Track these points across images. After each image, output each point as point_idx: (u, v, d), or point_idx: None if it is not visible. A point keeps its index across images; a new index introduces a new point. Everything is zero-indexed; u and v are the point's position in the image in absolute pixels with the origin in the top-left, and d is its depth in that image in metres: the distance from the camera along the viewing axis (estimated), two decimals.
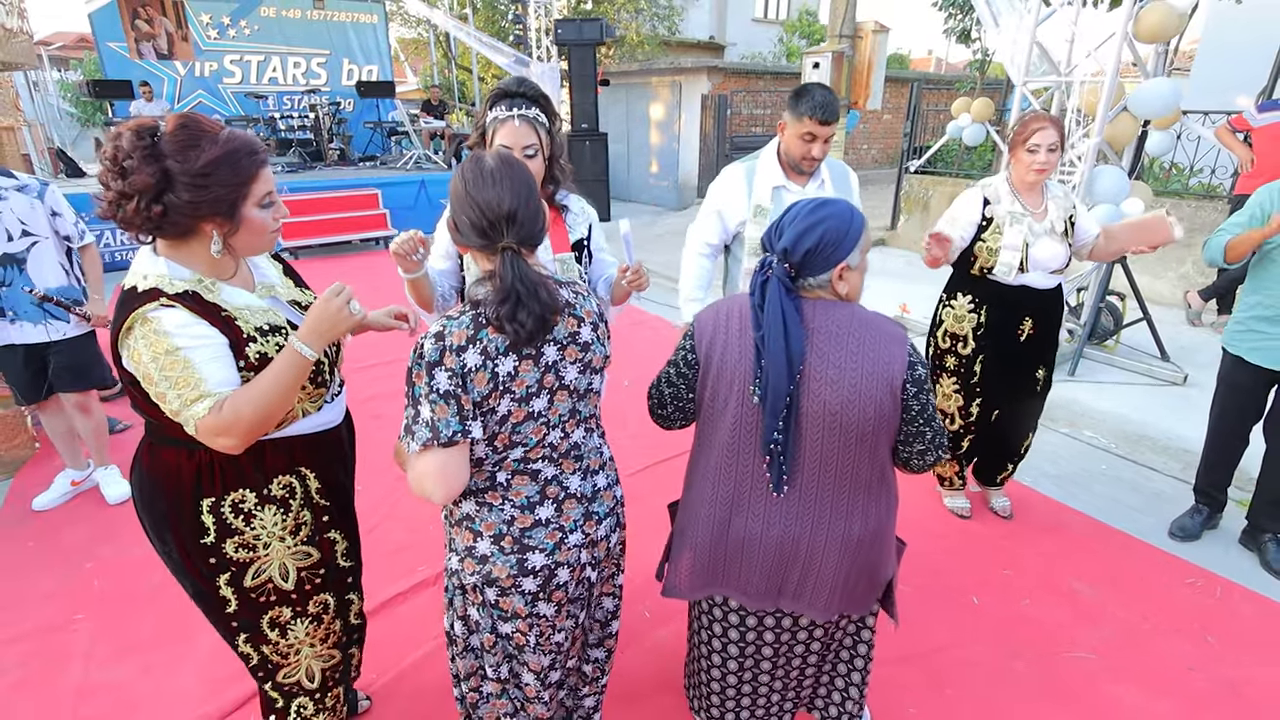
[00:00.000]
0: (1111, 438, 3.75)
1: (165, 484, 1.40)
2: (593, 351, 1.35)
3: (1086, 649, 2.31)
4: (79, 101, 17.46)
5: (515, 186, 1.24)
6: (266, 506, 1.45)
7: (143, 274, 1.28)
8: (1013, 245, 2.56)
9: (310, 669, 1.64)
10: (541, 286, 1.22)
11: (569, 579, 1.41)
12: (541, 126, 1.76)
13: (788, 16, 19.53)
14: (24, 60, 4.10)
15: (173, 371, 1.24)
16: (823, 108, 2.11)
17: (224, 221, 1.28)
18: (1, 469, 3.37)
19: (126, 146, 1.19)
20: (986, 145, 7.47)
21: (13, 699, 2.10)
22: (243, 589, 1.47)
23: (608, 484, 1.49)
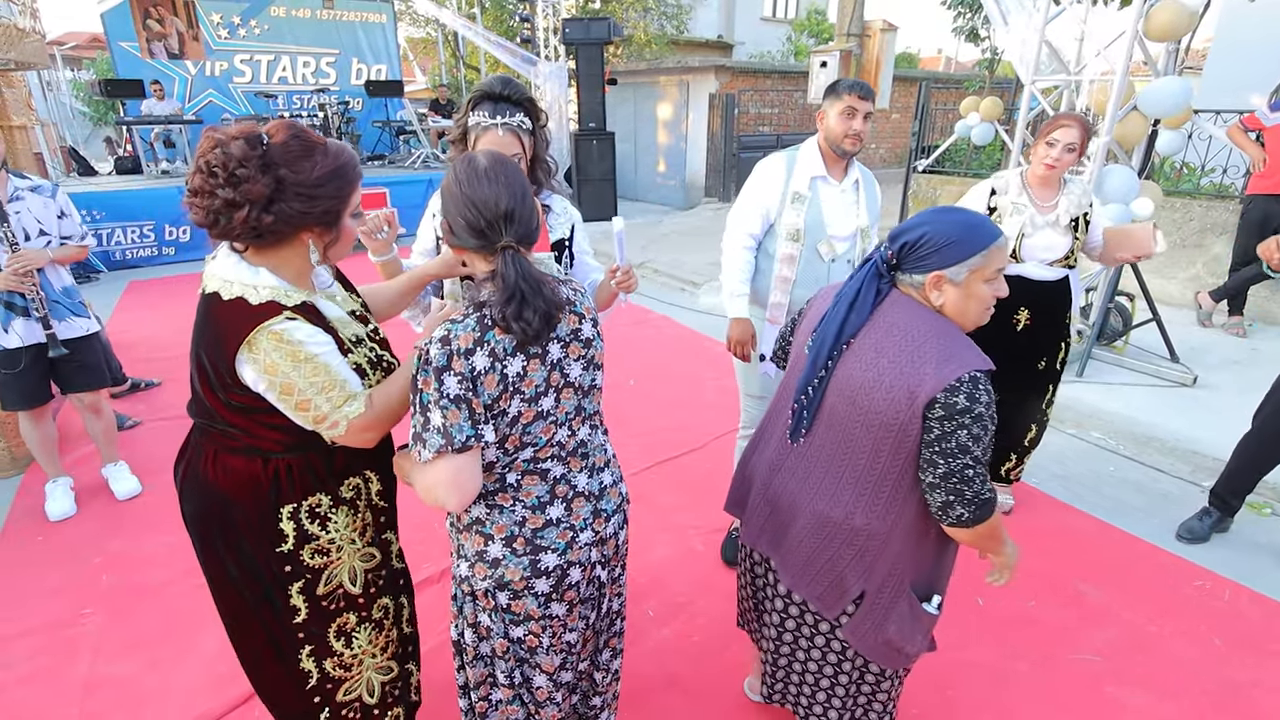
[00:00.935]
0: (1119, 439, 3.72)
1: (239, 494, 1.38)
2: (594, 348, 1.36)
3: (1091, 651, 2.30)
4: (91, 101, 17.62)
5: (510, 185, 1.24)
6: (339, 509, 1.46)
7: (250, 285, 1.26)
8: (1009, 235, 2.59)
9: (371, 683, 1.62)
10: (544, 284, 1.22)
11: (580, 578, 1.41)
12: (525, 132, 1.72)
13: (796, 15, 19.49)
14: (36, 60, 4.14)
15: (317, 378, 1.26)
16: (859, 85, 2.26)
17: (325, 231, 1.30)
18: (12, 466, 3.41)
19: (239, 155, 1.17)
20: (995, 144, 7.43)
21: (22, 692, 2.12)
22: (314, 597, 1.46)
23: (613, 481, 1.50)
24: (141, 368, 4.54)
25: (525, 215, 1.25)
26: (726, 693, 2.14)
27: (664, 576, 2.65)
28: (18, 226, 2.72)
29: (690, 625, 2.41)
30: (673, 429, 3.73)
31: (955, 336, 1.36)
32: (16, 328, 2.78)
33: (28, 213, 2.77)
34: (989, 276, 1.35)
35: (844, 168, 2.36)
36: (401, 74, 12.97)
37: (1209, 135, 4.84)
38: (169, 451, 3.68)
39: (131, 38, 10.32)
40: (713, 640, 2.34)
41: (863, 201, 2.39)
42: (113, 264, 7.56)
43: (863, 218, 2.38)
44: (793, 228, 2.31)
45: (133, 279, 7.23)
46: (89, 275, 7.21)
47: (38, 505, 3.06)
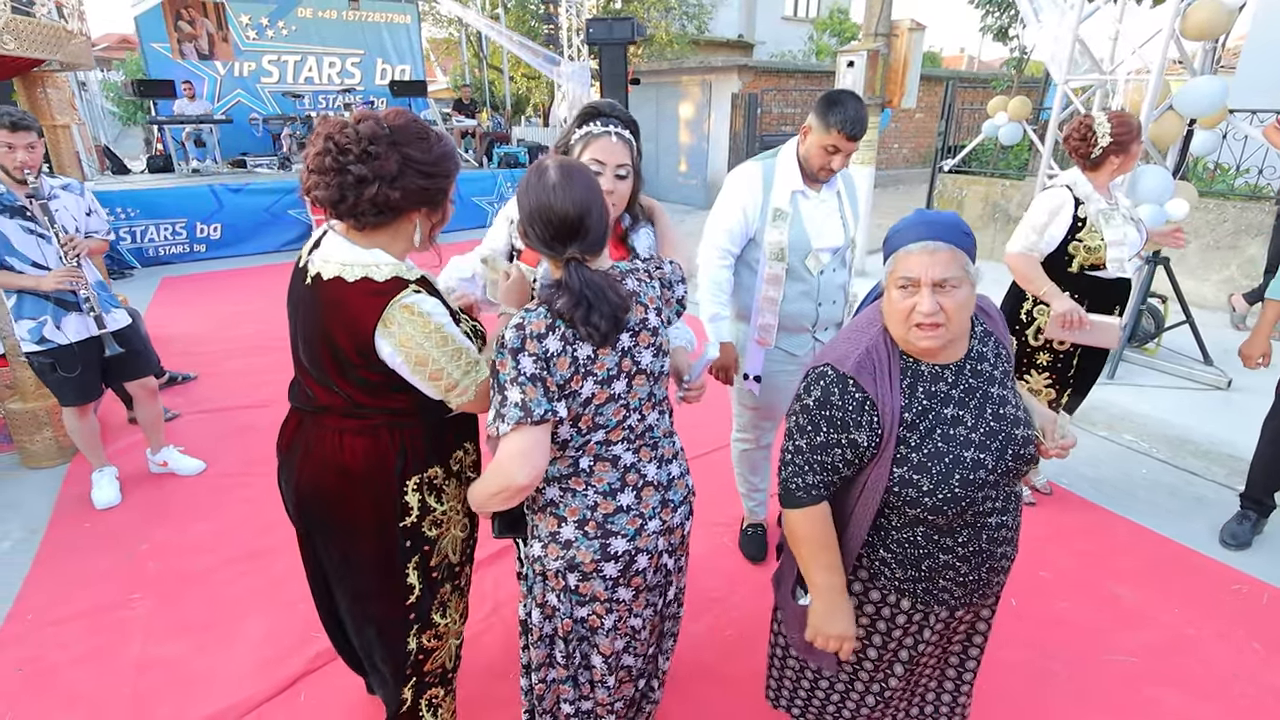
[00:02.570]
0: (1152, 441, 3.68)
1: (369, 472, 1.42)
2: (661, 335, 1.39)
3: (1126, 653, 2.29)
4: (121, 101, 17.96)
5: (577, 197, 1.26)
6: (451, 480, 1.55)
7: (370, 264, 1.31)
8: (1118, 240, 2.58)
9: (452, 650, 1.71)
10: (608, 288, 1.26)
11: (647, 565, 1.45)
12: (633, 150, 1.68)
13: (818, 14, 19.39)
14: (82, 61, 4.25)
15: (446, 347, 1.33)
16: (853, 123, 2.03)
17: (433, 211, 1.37)
18: (59, 455, 3.51)
19: (369, 134, 1.24)
20: (1023, 144, 7.36)
21: (77, 672, 2.20)
22: (426, 570, 1.54)
23: (680, 473, 1.53)
24: (178, 362, 4.64)
25: (591, 226, 1.28)
26: (760, 686, 2.15)
27: (695, 572, 2.67)
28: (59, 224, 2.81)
29: (723, 619, 2.44)
30: (699, 426, 3.75)
31: (852, 333, 1.36)
32: (69, 324, 2.86)
33: (64, 210, 2.87)
34: (897, 283, 1.26)
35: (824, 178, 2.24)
36: (425, 74, 13.10)
37: (1244, 135, 4.77)
38: (207, 443, 3.79)
39: (163, 39, 10.53)
40: (746, 634, 2.36)
41: (847, 209, 2.30)
42: (146, 261, 7.72)
43: (850, 226, 2.30)
44: (777, 246, 2.20)
45: (165, 275, 7.38)
46: (123, 272, 7.38)
47: (84, 494, 3.15)
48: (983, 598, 1.47)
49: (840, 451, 1.31)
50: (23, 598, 2.53)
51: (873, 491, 1.33)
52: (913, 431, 1.29)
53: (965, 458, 1.28)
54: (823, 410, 1.30)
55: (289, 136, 10.56)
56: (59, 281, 2.74)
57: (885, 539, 1.40)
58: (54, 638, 2.33)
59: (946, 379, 1.31)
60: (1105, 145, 2.56)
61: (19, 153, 2.66)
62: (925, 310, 1.21)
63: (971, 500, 1.29)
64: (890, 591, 1.45)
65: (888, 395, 1.28)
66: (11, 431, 3.45)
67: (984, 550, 1.37)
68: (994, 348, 1.38)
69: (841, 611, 1.39)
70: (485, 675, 2.19)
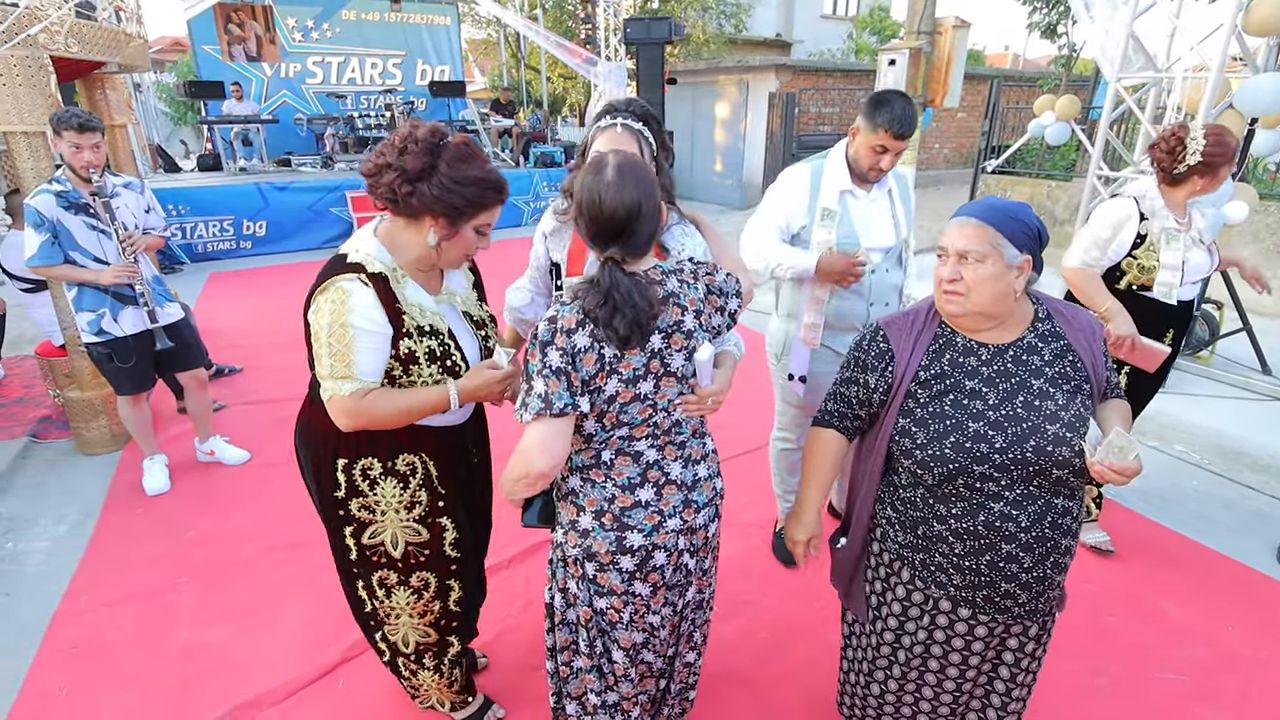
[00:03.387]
0: (1204, 453, 3.55)
1: (317, 438, 1.60)
2: (696, 338, 1.38)
3: (1176, 670, 2.21)
4: (172, 101, 18.57)
5: (628, 198, 1.27)
6: (389, 478, 1.60)
7: (355, 246, 1.48)
8: (1173, 265, 2.39)
9: (406, 637, 1.78)
10: (637, 293, 1.27)
11: (666, 563, 1.45)
12: (645, 141, 1.68)
13: (858, 13, 19.13)
14: (139, 63, 4.41)
15: (338, 343, 1.41)
16: (900, 122, 2.03)
17: (447, 225, 1.45)
18: (112, 443, 3.64)
19: (418, 135, 1.40)
20: (1070, 145, 7.16)
21: (129, 653, 2.28)
22: (360, 544, 1.65)
23: (708, 475, 1.52)
24: (225, 354, 4.78)
25: (636, 230, 1.29)
26: (792, 690, 2.14)
27: (727, 574, 2.65)
28: (119, 220, 2.92)
29: (755, 623, 2.42)
30: (731, 427, 3.73)
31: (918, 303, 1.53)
32: (126, 318, 2.97)
33: (125, 208, 2.98)
34: (937, 253, 1.42)
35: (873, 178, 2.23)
36: (464, 75, 13.27)
37: None
38: (253, 433, 3.88)
39: (214, 41, 10.85)
40: (778, 638, 2.34)
41: (899, 208, 2.28)
42: (195, 256, 7.98)
43: (901, 226, 2.27)
44: (825, 245, 2.19)
45: (213, 270, 7.61)
46: (173, 267, 7.63)
47: (136, 480, 3.27)
48: (990, 604, 1.42)
49: (855, 389, 1.51)
50: (78, 579, 2.63)
51: (881, 439, 1.47)
52: (924, 389, 1.41)
53: (969, 427, 1.35)
54: (855, 352, 1.52)
55: (332, 136, 10.81)
56: (117, 276, 2.85)
57: (893, 495, 1.51)
58: (107, 619, 2.42)
59: (980, 355, 1.40)
60: (1192, 163, 2.31)
61: (86, 152, 2.77)
62: (946, 275, 1.36)
63: (962, 468, 1.34)
64: (895, 558, 1.54)
65: (907, 351, 1.43)
66: (69, 419, 3.59)
67: (980, 535, 1.36)
68: (1057, 350, 1.39)
69: (802, 521, 1.59)
70: (518, 669, 2.21)
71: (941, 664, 1.53)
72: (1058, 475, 1.33)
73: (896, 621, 1.56)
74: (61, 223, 2.80)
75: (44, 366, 3.70)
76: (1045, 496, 1.36)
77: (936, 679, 1.56)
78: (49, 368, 3.64)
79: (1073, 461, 1.32)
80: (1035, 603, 1.43)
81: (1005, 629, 1.48)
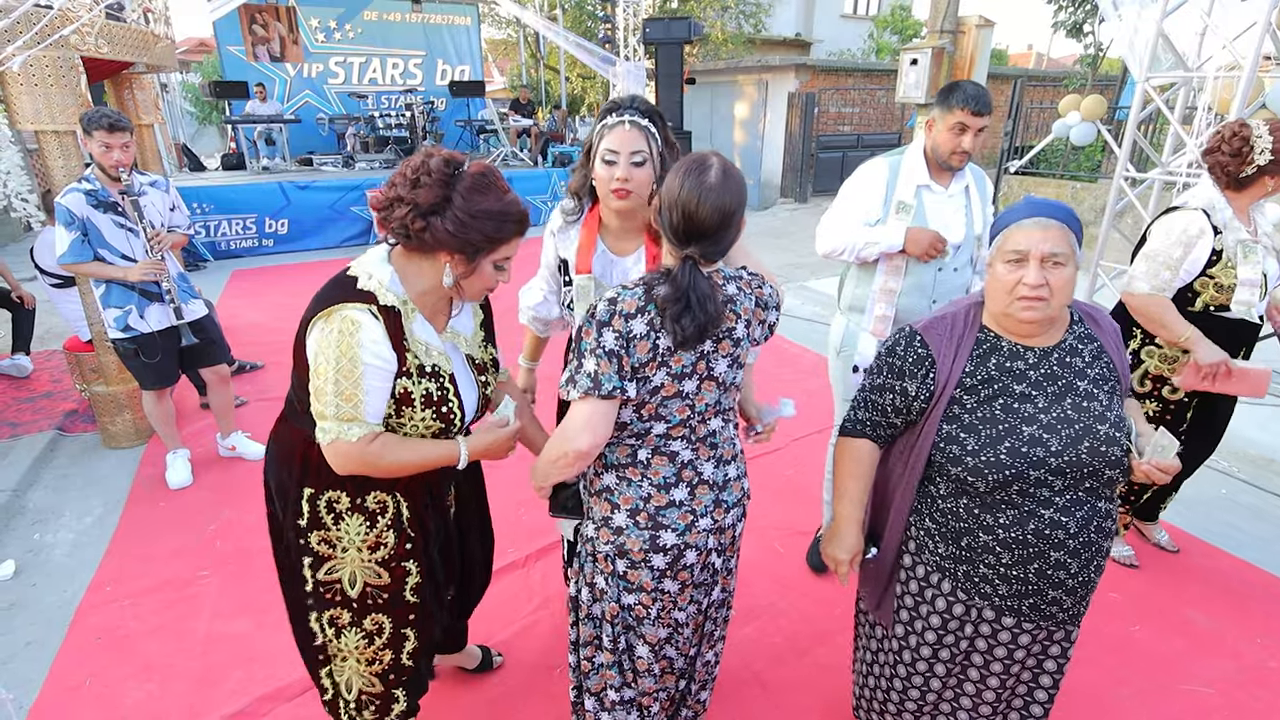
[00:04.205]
0: (1233, 460, 3.47)
1: (284, 459, 1.52)
2: (742, 347, 1.39)
3: (1202, 682, 2.17)
4: (198, 101, 18.87)
5: (725, 205, 1.28)
6: (355, 514, 1.49)
7: (368, 272, 1.37)
8: (1253, 280, 2.18)
9: (350, 681, 1.63)
10: (710, 299, 1.27)
11: (695, 561, 1.46)
12: (653, 138, 1.69)
13: (878, 12, 18.98)
14: (166, 63, 4.49)
15: (346, 381, 1.31)
16: (975, 99, 2.07)
17: (463, 261, 1.37)
18: (136, 437, 3.70)
19: (433, 168, 1.31)
20: (1095, 146, 7.05)
21: (152, 643, 2.32)
22: (316, 579, 1.54)
23: (738, 475, 1.53)
24: (247, 351, 4.84)
25: (723, 237, 1.31)
26: (808, 695, 2.12)
27: (745, 576, 2.64)
28: (146, 219, 2.97)
29: (771, 625, 2.40)
30: None
31: (942, 308, 1.49)
32: (151, 314, 3.02)
33: (151, 206, 3.03)
34: (1006, 257, 1.31)
35: (951, 173, 2.25)
36: (483, 74, 13.34)
37: None
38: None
39: (238, 42, 11.01)
40: (795, 641, 2.32)
41: (975, 206, 2.27)
42: (218, 254, 8.09)
43: (976, 224, 2.26)
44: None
45: (236, 268, 7.72)
46: (198, 264, 7.75)
47: (159, 474, 3.32)
48: (1036, 611, 1.39)
49: (891, 397, 1.44)
50: (103, 570, 2.68)
51: (921, 448, 1.41)
52: (971, 395, 1.36)
53: (1023, 431, 1.30)
54: (888, 357, 1.46)
55: (353, 135, 10.91)
56: (144, 273, 2.90)
57: (931, 507, 1.45)
58: (130, 610, 2.46)
59: (1027, 359, 1.36)
60: (1263, 163, 2.12)
61: (115, 152, 2.82)
62: (1032, 281, 1.25)
63: (1018, 474, 1.29)
64: (934, 570, 1.47)
65: (949, 356, 1.38)
66: (95, 413, 3.66)
67: (1029, 544, 1.33)
68: (1093, 351, 1.38)
69: (842, 537, 1.51)
70: (535, 667, 2.21)
71: (982, 673, 1.50)
72: (1109, 476, 1.32)
73: (935, 635, 1.50)
74: (91, 221, 2.86)
75: (71, 361, 3.77)
76: (1092, 500, 1.34)
77: (976, 688, 1.53)
78: (76, 362, 3.71)
79: (1123, 461, 1.32)
80: (1078, 607, 1.41)
81: (1048, 635, 1.46)
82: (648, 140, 1.66)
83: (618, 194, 1.66)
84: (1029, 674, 1.51)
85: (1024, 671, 1.50)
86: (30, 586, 2.61)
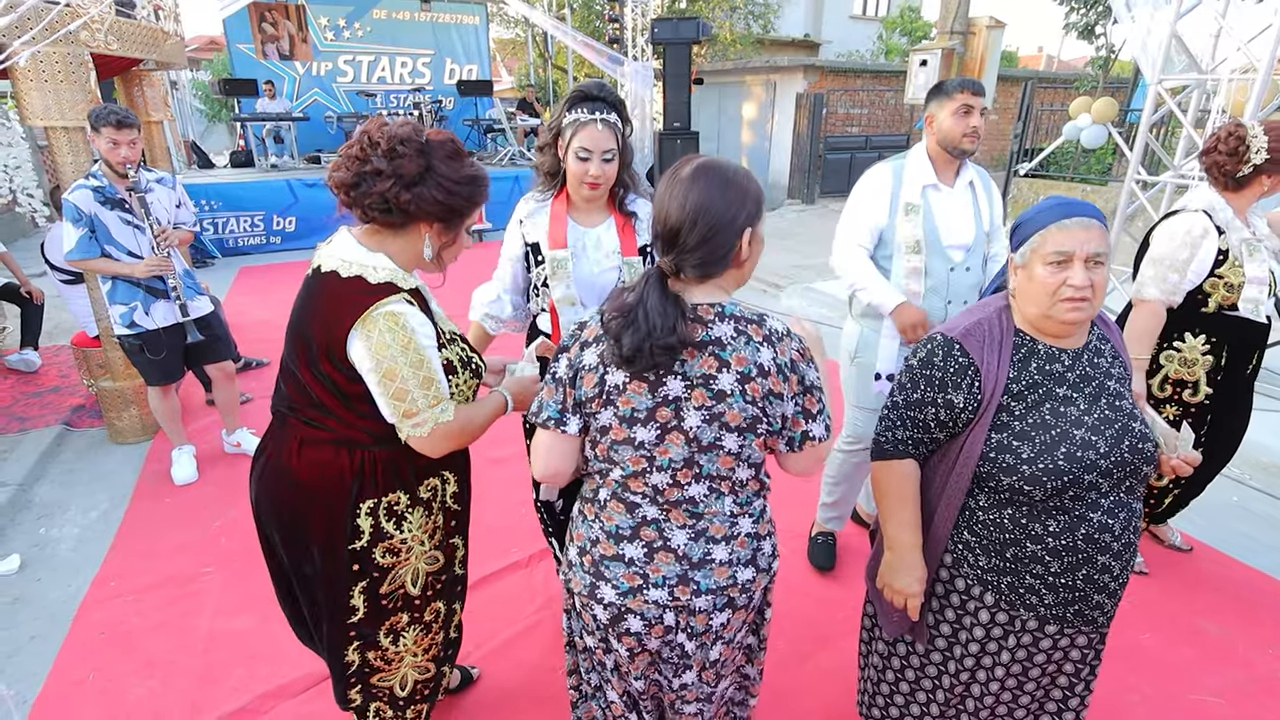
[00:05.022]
0: (1245, 468, 3.43)
1: (320, 486, 1.40)
2: (728, 404, 1.14)
3: (1212, 692, 2.14)
4: (208, 99, 18.96)
5: (690, 205, 1.12)
6: (416, 508, 1.48)
7: (368, 264, 1.32)
8: (1259, 278, 2.19)
9: (405, 678, 1.64)
10: (663, 316, 1.10)
11: (643, 631, 1.27)
12: (619, 132, 1.76)
13: (888, 13, 18.91)
14: (175, 60, 4.50)
15: (420, 370, 1.29)
16: (970, 82, 2.17)
17: (444, 231, 1.37)
18: (143, 433, 3.71)
19: (403, 135, 1.28)
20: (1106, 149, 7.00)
21: (154, 639, 2.32)
22: (375, 596, 1.49)
23: (728, 560, 1.24)
24: (253, 348, 4.85)
25: (696, 241, 1.12)
26: (811, 699, 2.10)
27: None
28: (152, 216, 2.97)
29: (773, 629, 2.36)
30: None
31: (969, 311, 1.43)
32: (157, 311, 3.03)
33: (158, 203, 3.04)
34: (1047, 259, 1.25)
35: (955, 172, 2.26)
36: (491, 74, 13.35)
37: None
38: None
39: (248, 40, 11.05)
40: (797, 645, 2.30)
41: (982, 203, 2.27)
42: (226, 251, 8.12)
43: (984, 220, 2.26)
44: (912, 239, 2.19)
45: (243, 265, 7.74)
46: (205, 261, 7.78)
47: (164, 470, 3.33)
48: (1080, 616, 1.36)
49: (934, 411, 1.36)
50: (107, 565, 2.68)
51: (967, 460, 1.34)
52: (1019, 401, 1.31)
53: (1075, 435, 1.27)
54: (924, 370, 1.37)
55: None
56: (150, 269, 2.90)
57: (971, 520, 1.39)
58: (134, 605, 2.46)
59: (1063, 361, 1.33)
60: (1259, 163, 2.13)
61: (122, 148, 2.83)
62: (1079, 282, 1.22)
63: (1075, 479, 1.25)
64: (975, 583, 1.41)
65: (993, 363, 1.32)
66: (102, 408, 3.67)
67: (1079, 550, 1.30)
68: (1112, 352, 1.38)
69: (909, 567, 1.41)
70: (536, 668, 2.20)
71: (1020, 680, 1.46)
72: (1145, 473, 1.32)
73: (978, 646, 1.45)
74: (98, 217, 2.86)
75: (79, 356, 3.78)
76: (1130, 500, 1.34)
77: (1013, 695, 1.49)
78: (84, 358, 3.72)
79: (1155, 458, 1.32)
80: (1115, 608, 1.41)
81: (1087, 641, 1.44)
82: (617, 137, 1.75)
83: (591, 187, 1.77)
84: (1065, 679, 1.49)
85: (1060, 676, 1.48)
86: (35, 581, 2.62)
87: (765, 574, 1.30)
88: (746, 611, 1.32)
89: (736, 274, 1.21)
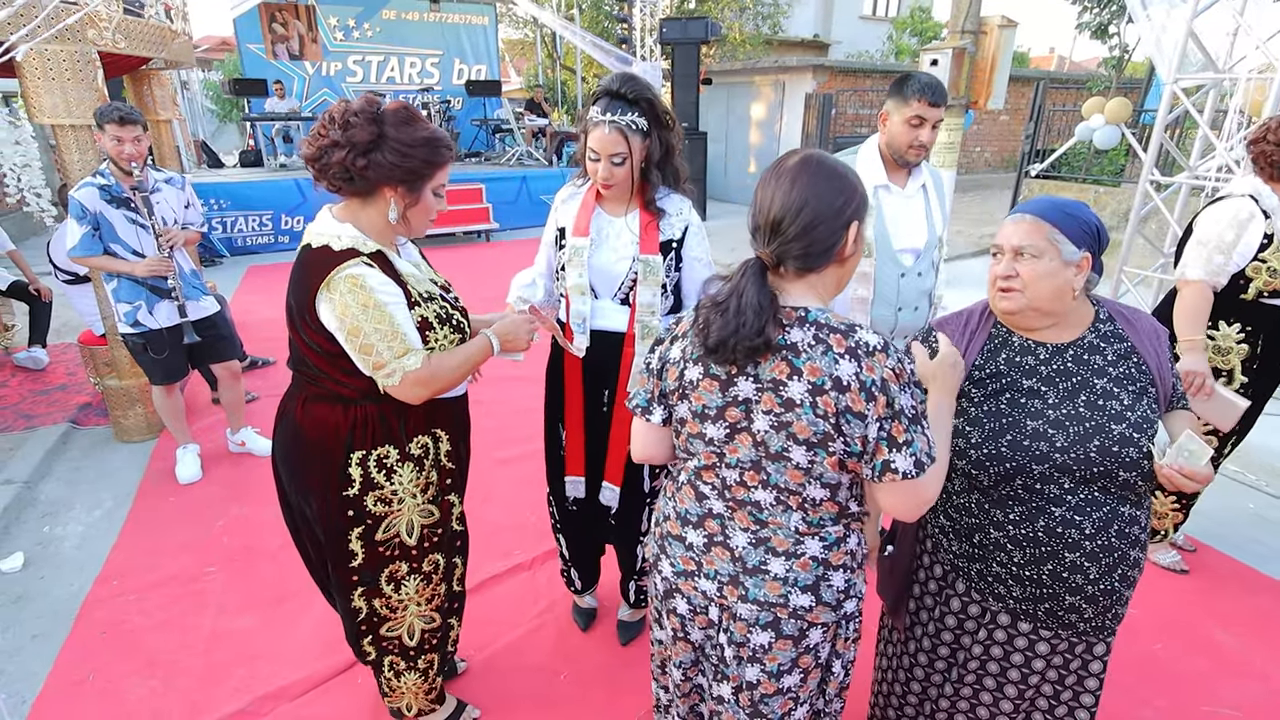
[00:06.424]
0: (1261, 474, 3.37)
1: (319, 437, 1.53)
2: (797, 415, 1.07)
3: (1229, 705, 2.09)
4: (218, 99, 19.08)
5: (795, 194, 1.08)
6: (406, 463, 1.58)
7: (334, 234, 1.43)
8: None
9: (412, 627, 1.75)
10: (757, 312, 1.05)
11: (688, 614, 1.27)
12: (635, 132, 1.70)
13: (898, 14, 18.80)
14: (184, 59, 4.51)
15: (382, 325, 1.39)
16: (931, 89, 1.97)
17: (407, 193, 1.44)
18: (148, 431, 3.71)
19: (356, 108, 1.38)
20: (1119, 150, 6.92)
21: (157, 639, 2.31)
22: (372, 543, 1.60)
23: (785, 576, 1.16)
24: (260, 347, 4.86)
25: (798, 233, 1.08)
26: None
27: None
28: (157, 215, 2.97)
29: None
30: None
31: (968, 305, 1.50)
32: (161, 310, 3.02)
33: (165, 203, 3.04)
34: (991, 251, 1.39)
35: (908, 172, 2.15)
36: (500, 74, 13.37)
37: None
38: None
39: (258, 40, 11.11)
40: None
41: (934, 206, 2.17)
42: (235, 250, 8.15)
43: (936, 225, 2.16)
44: (864, 242, 2.12)
45: (252, 264, 7.76)
46: (214, 260, 7.80)
47: (169, 468, 3.32)
48: (1052, 617, 1.35)
49: None
50: (110, 564, 2.68)
51: None
52: (979, 388, 1.37)
53: (1027, 425, 1.31)
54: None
55: None
56: (150, 269, 2.90)
57: (945, 504, 1.46)
58: (136, 604, 2.46)
59: (1038, 354, 1.36)
60: None
61: (127, 145, 2.83)
62: (1000, 271, 1.33)
63: (1019, 467, 1.29)
64: (950, 569, 1.47)
65: (959, 349, 1.40)
66: (108, 406, 3.67)
67: (1041, 542, 1.31)
68: (1121, 352, 1.35)
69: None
70: (536, 670, 2.18)
71: (999, 681, 1.47)
72: (1124, 478, 1.28)
73: (952, 636, 1.49)
74: (103, 215, 2.86)
75: (85, 354, 3.79)
76: (1111, 503, 1.30)
77: (993, 697, 1.49)
78: (90, 356, 3.73)
79: (1141, 464, 1.27)
80: (1103, 619, 1.36)
81: (1070, 648, 1.41)
82: (627, 140, 1.71)
83: (604, 187, 1.79)
84: (1050, 688, 1.46)
85: (1044, 685, 1.45)
86: (39, 579, 2.62)
87: (829, 610, 1.18)
88: (798, 649, 1.19)
89: (838, 272, 1.16)
